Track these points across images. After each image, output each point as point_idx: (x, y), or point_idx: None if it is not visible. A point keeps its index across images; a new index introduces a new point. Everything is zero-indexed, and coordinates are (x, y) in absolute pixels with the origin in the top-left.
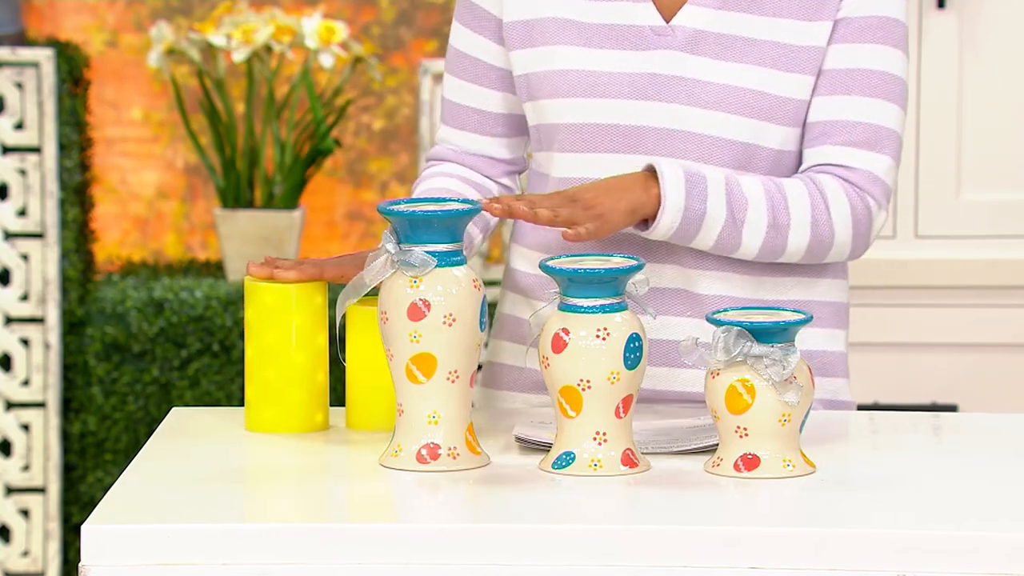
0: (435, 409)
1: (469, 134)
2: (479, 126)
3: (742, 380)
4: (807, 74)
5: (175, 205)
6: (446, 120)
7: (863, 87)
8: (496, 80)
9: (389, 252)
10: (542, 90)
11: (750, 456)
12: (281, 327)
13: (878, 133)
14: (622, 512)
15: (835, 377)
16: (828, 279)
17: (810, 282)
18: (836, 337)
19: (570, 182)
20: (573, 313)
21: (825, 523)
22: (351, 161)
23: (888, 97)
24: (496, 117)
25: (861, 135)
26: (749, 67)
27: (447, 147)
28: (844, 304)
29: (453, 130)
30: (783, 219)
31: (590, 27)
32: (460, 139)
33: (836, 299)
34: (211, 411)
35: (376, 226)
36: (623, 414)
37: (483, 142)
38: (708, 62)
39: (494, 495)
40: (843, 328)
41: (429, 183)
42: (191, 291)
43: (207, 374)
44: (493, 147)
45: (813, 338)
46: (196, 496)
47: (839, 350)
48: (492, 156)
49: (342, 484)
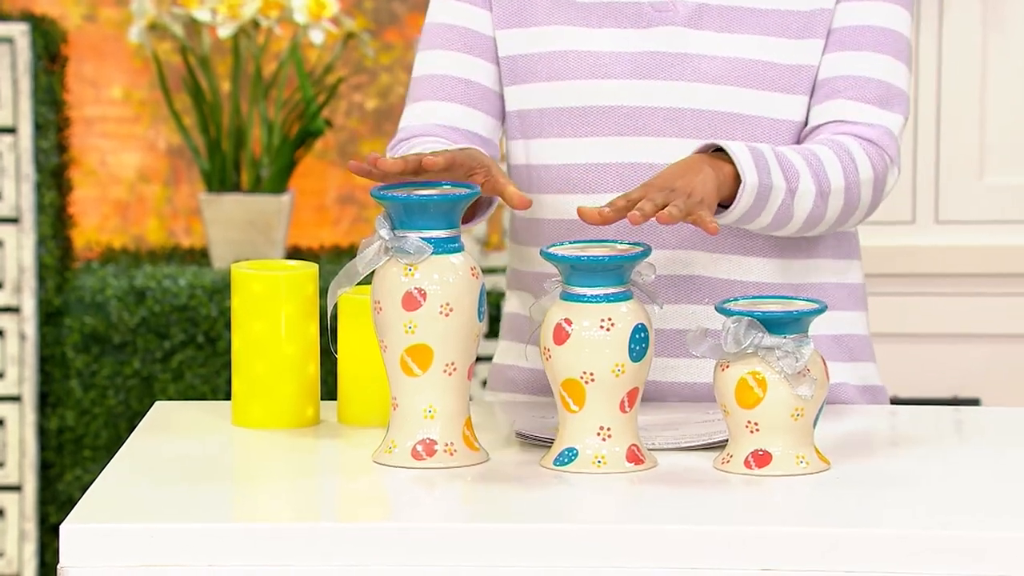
0: (431, 403)
1: (454, 105)
2: (466, 97)
3: (753, 373)
4: (816, 38)
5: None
6: (423, 96)
7: (874, 44)
8: (488, 51)
9: (383, 238)
10: (534, 73)
11: (761, 452)
12: (270, 317)
13: (890, 91)
14: (627, 511)
15: (864, 361)
16: (844, 259)
17: (828, 264)
18: (858, 320)
19: (567, 169)
20: (576, 303)
21: (840, 523)
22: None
23: (898, 56)
24: (485, 91)
25: (874, 92)
26: (755, 37)
27: (419, 125)
28: (862, 285)
29: (434, 103)
30: (826, 186)
31: (587, 5)
32: (442, 113)
33: (854, 280)
34: (196, 405)
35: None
36: (628, 408)
37: (469, 116)
38: (712, 35)
39: (493, 493)
40: (864, 310)
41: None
42: (174, 279)
43: (191, 366)
44: (477, 124)
45: (837, 322)
46: (180, 494)
47: (863, 333)
48: (477, 134)
49: (334, 482)
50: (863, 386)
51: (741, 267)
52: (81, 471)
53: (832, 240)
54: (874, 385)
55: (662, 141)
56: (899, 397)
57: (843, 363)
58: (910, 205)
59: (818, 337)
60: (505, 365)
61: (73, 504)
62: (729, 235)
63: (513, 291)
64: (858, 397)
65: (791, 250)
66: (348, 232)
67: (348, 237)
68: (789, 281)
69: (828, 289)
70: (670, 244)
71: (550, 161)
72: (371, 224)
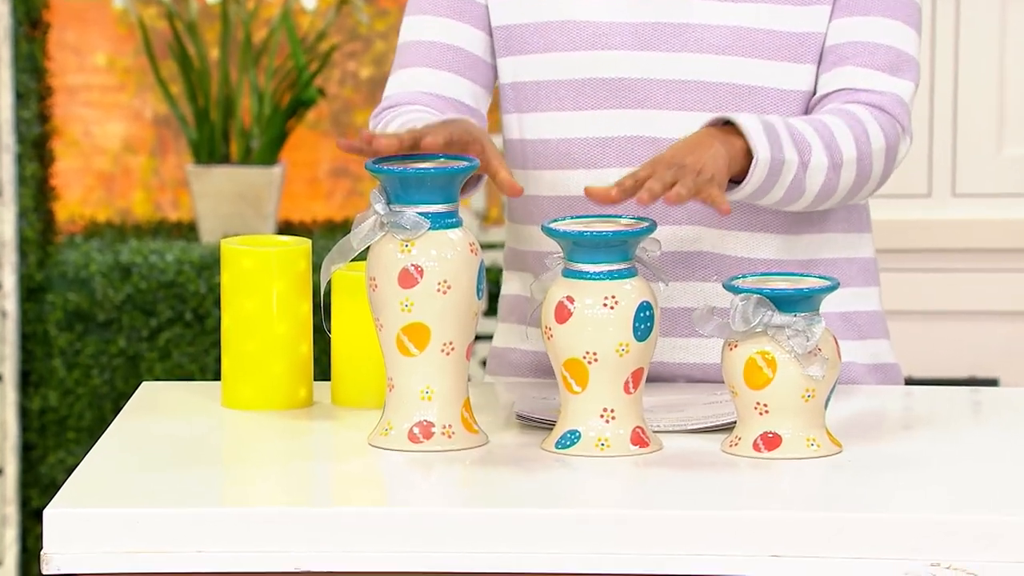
0: (428, 384)
1: (441, 72)
2: (454, 64)
3: (762, 352)
4: (823, 4)
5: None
6: (409, 62)
7: (883, 8)
8: (478, 18)
9: (378, 213)
10: (531, 44)
11: (771, 435)
12: (261, 294)
13: (900, 57)
14: (631, 495)
15: (876, 338)
16: (855, 233)
17: (839, 238)
18: (870, 295)
19: (565, 144)
20: (578, 280)
21: (852, 507)
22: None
23: (907, 21)
24: (473, 60)
25: (884, 58)
26: (760, 5)
27: (404, 92)
28: (874, 259)
29: (420, 70)
30: (838, 158)
31: None
32: (428, 80)
33: (866, 254)
34: (184, 386)
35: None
36: (633, 389)
37: (456, 84)
38: (715, 4)
39: (492, 477)
40: (876, 285)
41: (403, 118)
42: (161, 254)
43: (179, 345)
44: (464, 93)
45: (847, 299)
46: (168, 478)
47: (874, 309)
48: (463, 102)
49: (327, 465)
50: (874, 364)
51: (749, 243)
52: (64, 453)
53: (842, 213)
54: (886, 363)
55: (665, 114)
56: (914, 377)
57: (852, 341)
58: (926, 177)
59: (826, 315)
60: (505, 348)
61: (56, 488)
62: (737, 211)
63: (512, 272)
64: (868, 376)
65: (800, 225)
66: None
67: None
68: (798, 257)
69: (839, 264)
70: (676, 219)
71: (547, 136)
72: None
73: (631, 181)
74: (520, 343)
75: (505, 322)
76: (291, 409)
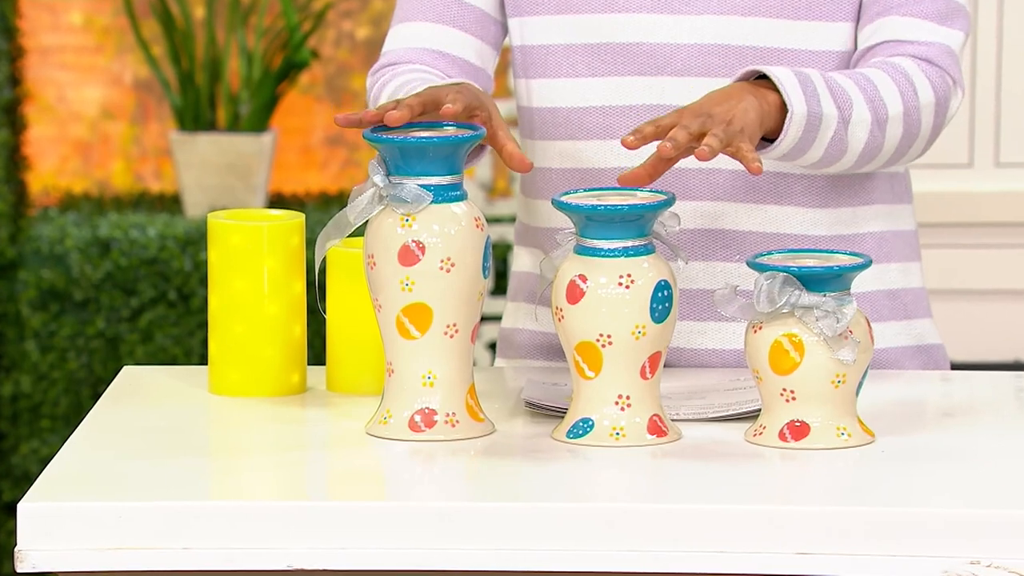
0: (430, 369)
1: (444, 28)
2: (458, 19)
3: (789, 335)
4: None
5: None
6: (410, 16)
7: None
8: None
9: (377, 185)
10: (541, 4)
11: (798, 423)
12: (250, 272)
13: (949, 4)
14: (648, 488)
15: (919, 318)
16: (893, 203)
17: (879, 210)
18: (912, 271)
19: (579, 113)
20: (592, 257)
21: (885, 501)
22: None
23: None
24: (479, 15)
25: (931, 6)
26: None
27: (405, 49)
28: (915, 232)
29: (422, 24)
30: (882, 113)
31: None
32: (430, 36)
33: (907, 227)
34: (168, 370)
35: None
36: (650, 374)
37: (460, 41)
38: None
39: (499, 469)
40: (918, 260)
41: (402, 79)
42: (142, 229)
43: (162, 327)
44: (469, 51)
45: (894, 275)
46: (152, 470)
47: (918, 285)
48: (468, 61)
49: (322, 456)
50: (918, 346)
51: (778, 217)
52: (39, 443)
53: (883, 182)
54: (931, 344)
55: (688, 81)
56: (954, 361)
57: (896, 321)
58: (967, 146)
59: (869, 294)
60: (514, 329)
61: (30, 480)
62: (764, 181)
63: (522, 248)
64: (912, 359)
65: (835, 195)
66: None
67: (337, 182)
68: (833, 232)
69: (885, 238)
70: (697, 193)
71: (558, 104)
72: (363, 168)
73: (652, 127)
74: (529, 323)
75: (514, 301)
76: (283, 396)
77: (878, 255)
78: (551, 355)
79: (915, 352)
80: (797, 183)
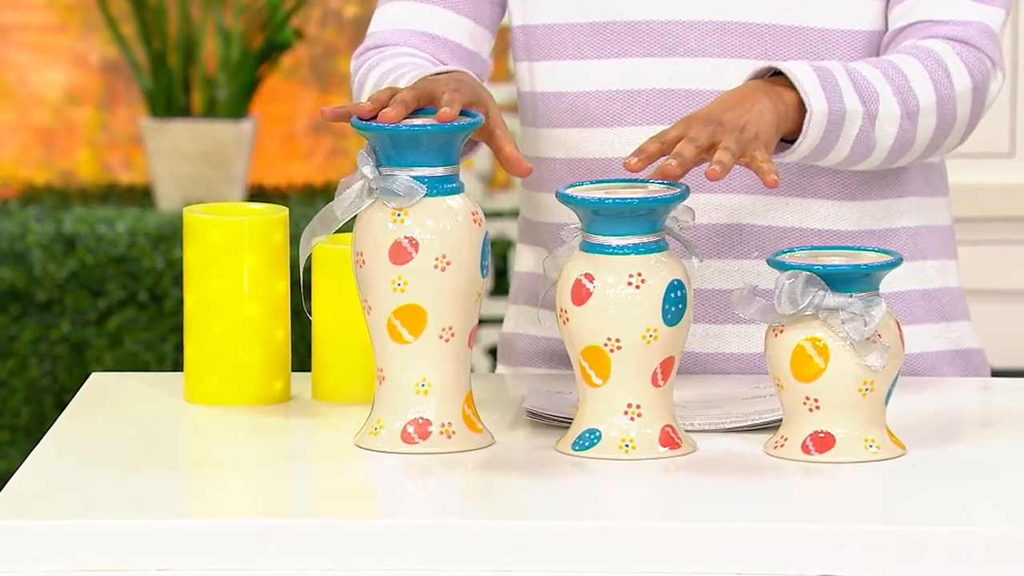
0: (424, 376)
1: (436, 9)
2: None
3: (812, 339)
4: None
5: (89, 113)
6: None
7: None
8: None
9: (366, 177)
10: None
11: (823, 435)
12: (230, 271)
13: None
14: (660, 505)
15: (957, 320)
16: (927, 196)
17: (913, 203)
18: (948, 269)
19: (583, 98)
20: (599, 254)
21: (916, 519)
22: (316, 58)
23: None
24: None
25: None
26: None
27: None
28: (951, 227)
29: (412, 4)
30: (913, 104)
31: None
32: (420, 17)
33: (943, 221)
34: (139, 377)
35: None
36: (662, 382)
37: (453, 24)
38: None
39: (499, 484)
40: (955, 258)
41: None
42: (110, 224)
43: (132, 331)
44: (462, 34)
45: (930, 274)
46: (123, 485)
47: (955, 285)
48: (461, 45)
49: (307, 470)
50: (956, 351)
51: (800, 211)
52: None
53: (916, 173)
54: (970, 348)
55: (702, 63)
56: (993, 368)
57: (933, 324)
58: (1007, 134)
59: (902, 294)
60: (516, 334)
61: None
62: (786, 173)
63: (525, 246)
64: (950, 365)
65: (863, 187)
66: (323, 168)
67: (323, 174)
68: (861, 227)
69: (920, 233)
70: (713, 185)
71: (562, 88)
72: (351, 158)
73: (656, 145)
74: (532, 328)
75: (516, 304)
76: (265, 405)
77: (911, 252)
78: (555, 362)
79: (952, 357)
80: (821, 175)
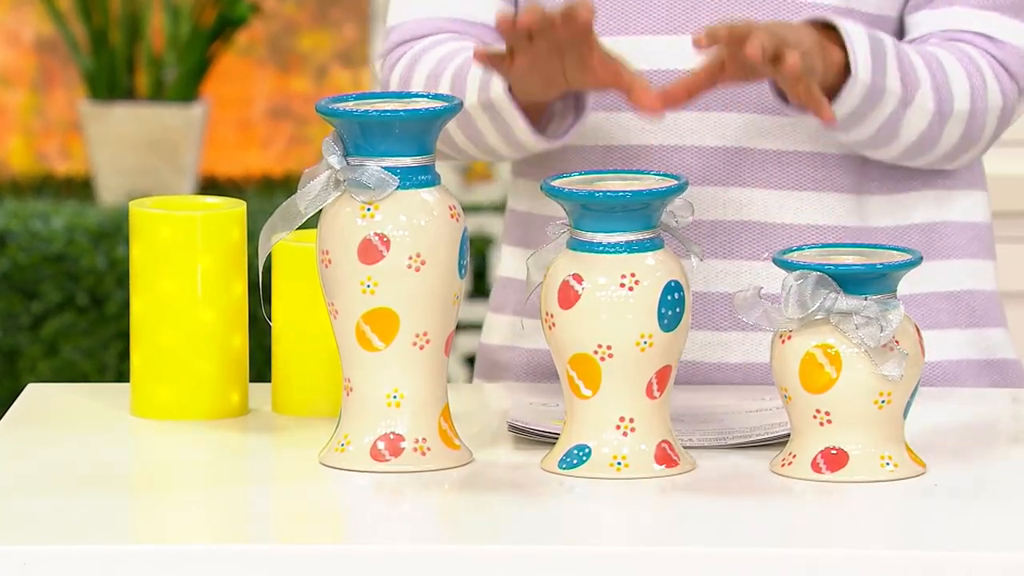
0: (396, 386)
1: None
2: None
3: (824, 346)
4: None
5: (22, 96)
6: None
7: None
8: None
9: (332, 168)
10: None
11: (835, 451)
12: (181, 272)
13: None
14: (656, 528)
15: (990, 326)
16: (966, 189)
17: (943, 197)
18: (983, 271)
19: None
20: (588, 253)
21: (937, 544)
22: (274, 35)
23: None
24: None
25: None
26: None
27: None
28: (989, 225)
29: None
30: (947, 106)
31: None
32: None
33: (980, 218)
34: (81, 389)
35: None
36: (657, 393)
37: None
38: None
39: (479, 505)
40: (992, 258)
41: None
42: (46, 219)
43: (71, 336)
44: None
45: (960, 274)
46: (65, 507)
47: (990, 288)
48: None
49: (267, 491)
50: (987, 360)
51: (813, 205)
52: None
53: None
54: (1004, 359)
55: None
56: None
57: (961, 330)
58: None
59: (929, 296)
60: (497, 346)
61: None
62: (795, 162)
63: (514, 248)
64: (979, 375)
65: (882, 177)
66: (283, 157)
67: (283, 163)
68: (885, 223)
69: (950, 229)
70: (716, 177)
71: None
72: (315, 147)
73: (726, 31)
74: (518, 340)
75: (499, 313)
76: (220, 419)
77: (936, 250)
78: (538, 378)
79: (982, 367)
80: (835, 165)
